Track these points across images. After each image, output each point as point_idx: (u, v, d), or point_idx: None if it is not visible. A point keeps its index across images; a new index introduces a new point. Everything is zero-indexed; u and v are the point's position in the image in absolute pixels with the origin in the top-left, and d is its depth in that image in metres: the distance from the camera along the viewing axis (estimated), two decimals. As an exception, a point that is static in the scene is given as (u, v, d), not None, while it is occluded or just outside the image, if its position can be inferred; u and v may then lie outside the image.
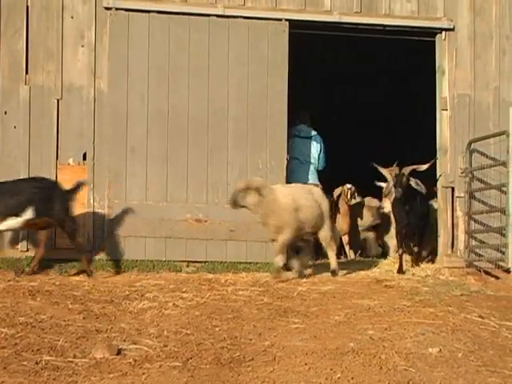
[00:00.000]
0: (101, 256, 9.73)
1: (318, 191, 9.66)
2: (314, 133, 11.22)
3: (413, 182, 9.97)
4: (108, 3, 9.93)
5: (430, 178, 10.85)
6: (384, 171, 10.21)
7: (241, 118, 10.13)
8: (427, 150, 10.76)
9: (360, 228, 12.21)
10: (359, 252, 11.96)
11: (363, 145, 14.94)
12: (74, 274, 9.10)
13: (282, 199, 8.93)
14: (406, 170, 9.88)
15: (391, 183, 10.10)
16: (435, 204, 10.70)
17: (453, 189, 10.40)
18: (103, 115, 9.93)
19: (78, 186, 9.16)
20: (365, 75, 15.04)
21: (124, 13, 9.99)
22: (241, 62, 10.16)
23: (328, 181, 11.14)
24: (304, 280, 8.95)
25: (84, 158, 9.91)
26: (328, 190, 11.13)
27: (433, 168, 10.42)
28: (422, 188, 10.20)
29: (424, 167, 10.01)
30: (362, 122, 15.84)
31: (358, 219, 12.16)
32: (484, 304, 7.86)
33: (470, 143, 10.30)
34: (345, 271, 9.67)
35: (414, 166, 9.94)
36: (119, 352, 5.90)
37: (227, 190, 9.85)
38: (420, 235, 10.33)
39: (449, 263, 10.25)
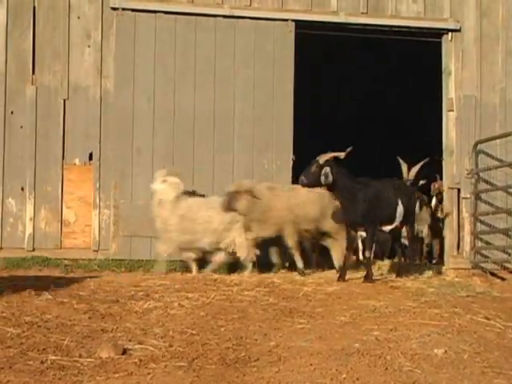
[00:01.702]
0: (106, 256, 9.75)
1: None
2: None
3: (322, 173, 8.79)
4: (114, 3, 9.95)
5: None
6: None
7: (247, 119, 10.13)
8: (433, 150, 10.74)
9: None
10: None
11: (366, 143, 14.93)
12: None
13: None
14: (321, 157, 8.82)
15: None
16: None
17: (459, 190, 10.40)
18: (109, 115, 9.95)
19: None
20: (373, 76, 15.04)
21: (130, 13, 10.01)
22: (247, 62, 10.17)
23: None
24: (310, 280, 8.95)
25: (90, 158, 9.94)
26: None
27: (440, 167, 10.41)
28: (328, 180, 8.83)
29: (342, 155, 8.87)
30: (368, 121, 15.86)
31: None
32: (490, 305, 7.83)
33: (476, 144, 10.29)
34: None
35: (333, 154, 8.88)
36: (125, 352, 5.89)
37: (233, 191, 9.86)
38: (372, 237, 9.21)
39: (454, 264, 10.25)
